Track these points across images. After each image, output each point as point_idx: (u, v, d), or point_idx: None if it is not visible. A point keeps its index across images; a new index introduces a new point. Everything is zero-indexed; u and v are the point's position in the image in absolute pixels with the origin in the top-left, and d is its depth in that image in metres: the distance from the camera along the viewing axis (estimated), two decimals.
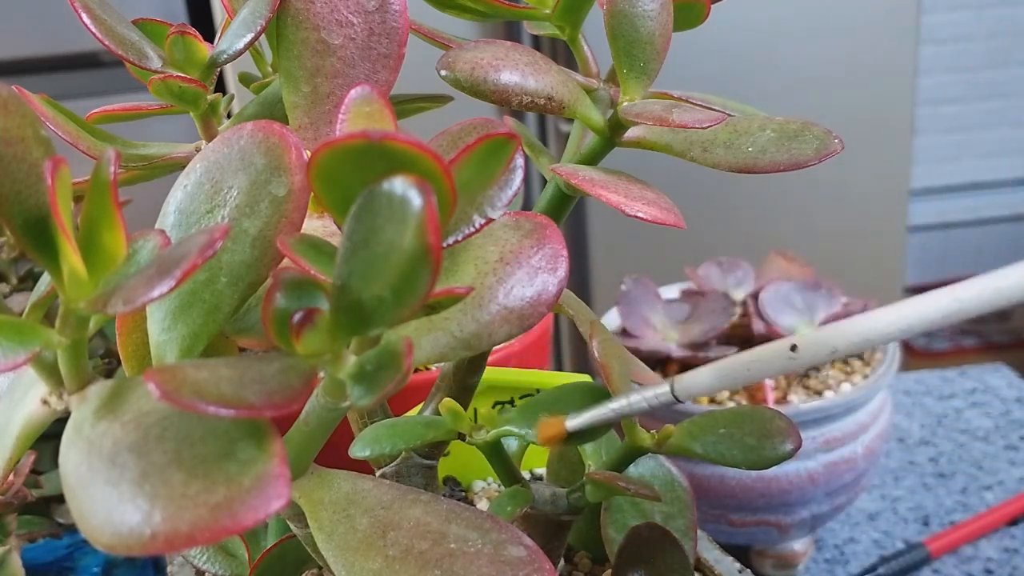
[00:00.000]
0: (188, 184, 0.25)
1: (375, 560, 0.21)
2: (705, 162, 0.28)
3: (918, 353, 2.05)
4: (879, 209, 1.33)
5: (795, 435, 0.27)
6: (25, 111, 0.20)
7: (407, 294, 0.17)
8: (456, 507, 0.23)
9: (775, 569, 0.55)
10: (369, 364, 0.19)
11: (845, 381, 0.53)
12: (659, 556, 0.29)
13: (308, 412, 0.22)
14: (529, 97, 0.27)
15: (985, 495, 0.63)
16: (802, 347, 0.21)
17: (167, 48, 0.30)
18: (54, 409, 0.21)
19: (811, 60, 1.25)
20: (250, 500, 0.17)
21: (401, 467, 0.30)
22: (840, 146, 0.27)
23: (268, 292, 0.19)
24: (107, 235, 0.19)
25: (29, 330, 0.19)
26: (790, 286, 0.57)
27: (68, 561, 0.46)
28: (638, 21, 0.28)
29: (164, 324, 0.25)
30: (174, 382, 0.17)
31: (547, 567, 0.21)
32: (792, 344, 0.21)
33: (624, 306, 0.57)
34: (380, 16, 0.29)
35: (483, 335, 0.23)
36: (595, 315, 0.32)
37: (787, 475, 0.50)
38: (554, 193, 0.30)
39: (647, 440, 0.29)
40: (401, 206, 0.16)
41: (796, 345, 0.21)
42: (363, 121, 0.22)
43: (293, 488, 0.23)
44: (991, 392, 0.76)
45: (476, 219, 0.22)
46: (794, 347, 0.21)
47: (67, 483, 0.18)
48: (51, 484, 0.47)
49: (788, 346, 0.21)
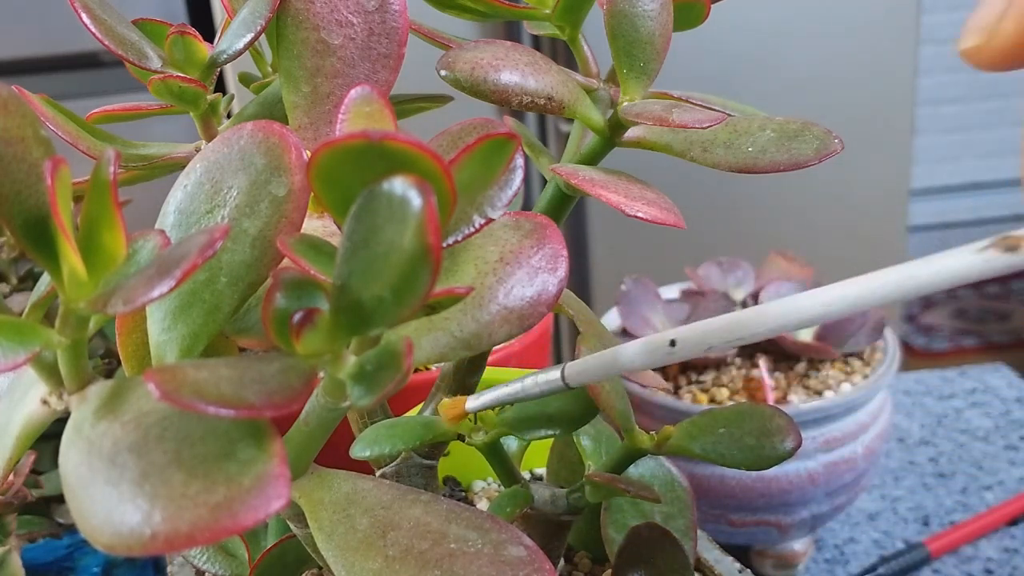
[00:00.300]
0: (188, 184, 0.25)
1: (375, 560, 0.21)
2: (705, 162, 0.28)
3: (918, 353, 2.05)
4: (879, 209, 1.34)
5: (795, 433, 0.27)
6: (25, 111, 0.20)
7: (407, 294, 0.17)
8: (456, 507, 0.23)
9: (775, 569, 0.55)
10: (369, 364, 0.19)
11: (845, 381, 0.53)
12: (659, 556, 0.29)
13: (308, 412, 0.22)
14: (529, 97, 0.27)
15: (985, 495, 0.63)
16: (681, 341, 0.22)
17: (167, 48, 0.30)
18: (54, 409, 0.21)
19: (811, 60, 1.25)
20: (250, 500, 0.17)
21: (401, 467, 0.30)
22: (840, 146, 0.27)
23: (268, 292, 0.19)
24: (107, 235, 0.19)
25: (29, 330, 0.19)
26: (790, 286, 0.57)
27: (68, 561, 0.46)
28: (638, 21, 0.28)
29: (164, 324, 0.25)
30: (174, 382, 0.17)
31: (547, 567, 0.21)
32: (671, 339, 0.22)
33: (624, 306, 0.57)
34: (380, 16, 0.29)
35: (483, 335, 0.23)
36: (595, 315, 0.32)
37: (787, 475, 0.50)
38: (554, 193, 0.30)
39: (647, 441, 0.29)
40: (401, 206, 0.16)
41: (675, 340, 0.22)
42: (363, 121, 0.22)
43: (293, 488, 0.23)
44: (991, 392, 0.76)
45: (476, 219, 0.22)
46: (673, 342, 0.22)
47: (67, 483, 0.18)
48: (51, 484, 0.47)
49: (668, 340, 0.22)
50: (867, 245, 1.33)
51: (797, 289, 0.57)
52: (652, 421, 0.52)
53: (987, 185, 2.14)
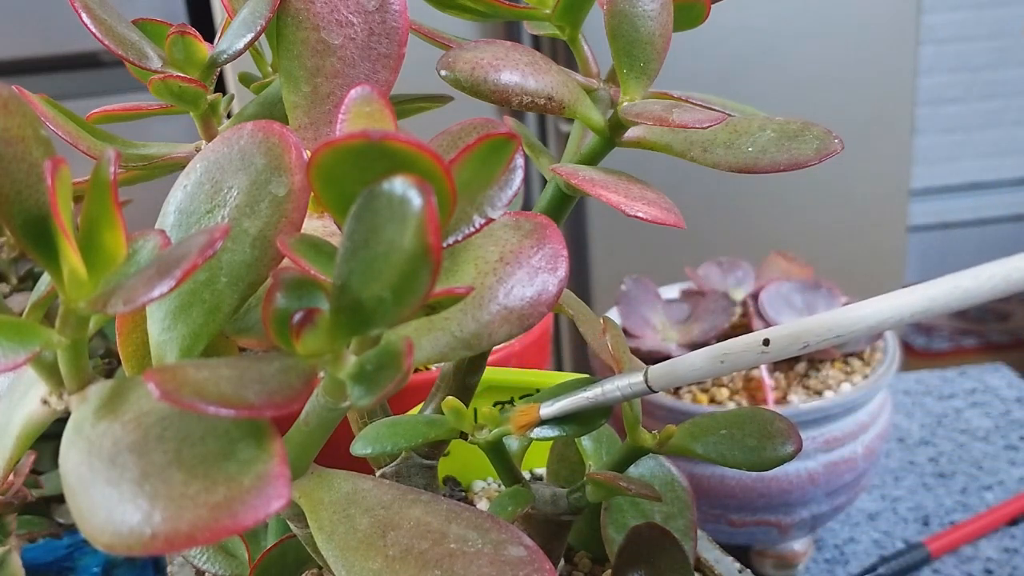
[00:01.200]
0: (188, 184, 0.25)
1: (375, 560, 0.21)
2: (705, 162, 0.28)
3: (918, 353, 2.05)
4: (879, 209, 1.33)
5: (796, 437, 0.27)
6: (25, 111, 0.20)
7: (407, 294, 0.17)
8: (456, 507, 0.23)
9: (775, 569, 0.55)
10: (369, 364, 0.19)
11: (845, 381, 0.53)
12: (659, 556, 0.29)
13: (308, 412, 0.22)
14: (529, 97, 0.27)
15: (985, 495, 0.63)
16: (774, 340, 0.22)
17: (167, 48, 0.30)
18: (54, 409, 0.21)
19: (811, 60, 1.25)
20: (250, 500, 0.17)
21: (401, 467, 0.30)
22: (840, 146, 0.27)
23: (268, 292, 0.19)
24: (107, 235, 0.19)
25: (29, 330, 0.19)
26: (790, 286, 0.57)
27: (68, 561, 0.46)
28: (638, 21, 0.28)
29: (164, 324, 0.25)
30: (174, 382, 0.17)
31: (547, 567, 0.21)
32: (764, 338, 0.22)
33: (624, 306, 0.57)
34: (380, 16, 0.29)
35: (483, 335, 0.23)
36: (595, 315, 0.32)
37: (787, 475, 0.50)
38: (554, 193, 0.30)
39: (648, 440, 0.29)
40: (401, 206, 0.16)
41: (768, 339, 0.22)
42: (363, 121, 0.22)
43: (293, 488, 0.23)
44: (991, 392, 0.76)
45: (476, 219, 0.22)
46: (766, 341, 0.22)
47: (67, 483, 0.18)
48: (51, 484, 0.47)
49: (760, 340, 0.22)
50: (867, 245, 1.33)
51: (797, 289, 0.57)
52: (653, 421, 0.52)
53: (987, 185, 2.14)
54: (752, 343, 0.22)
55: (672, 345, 0.55)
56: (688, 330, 0.56)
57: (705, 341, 0.54)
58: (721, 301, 0.56)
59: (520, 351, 0.47)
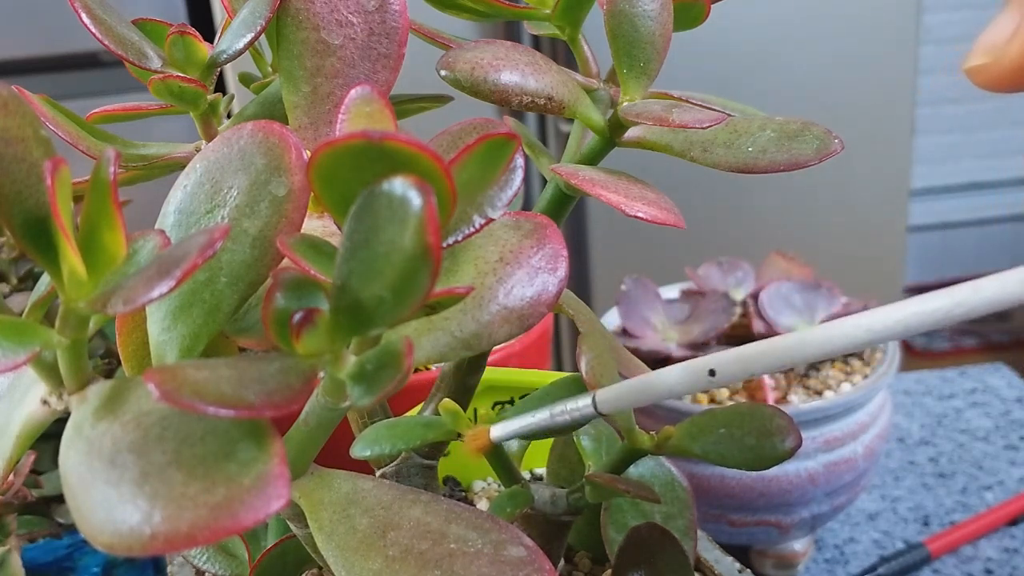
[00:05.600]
0: (188, 184, 0.25)
1: (375, 560, 0.21)
2: (705, 162, 0.28)
3: (918, 353, 2.05)
4: (879, 209, 1.34)
5: (795, 433, 0.27)
6: (25, 111, 0.20)
7: (407, 294, 0.17)
8: (456, 507, 0.23)
9: (775, 569, 0.55)
10: (369, 364, 0.19)
11: (845, 381, 0.53)
12: (659, 556, 0.29)
13: (308, 412, 0.22)
14: (529, 97, 0.27)
15: (985, 495, 0.63)
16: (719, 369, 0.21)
17: (167, 48, 0.30)
18: (54, 409, 0.21)
19: (811, 60, 1.25)
20: (250, 500, 0.17)
21: (401, 467, 0.30)
22: (840, 146, 0.27)
23: (268, 292, 0.19)
24: (107, 235, 0.19)
25: (29, 330, 0.19)
26: (790, 286, 0.57)
27: (68, 561, 0.46)
28: (638, 21, 0.28)
29: (164, 324, 0.25)
30: (174, 382, 0.17)
31: (547, 567, 0.21)
32: (711, 368, 0.21)
33: (624, 306, 0.57)
34: (380, 16, 0.29)
35: (483, 335, 0.23)
36: (595, 315, 0.32)
37: (787, 475, 0.50)
38: (554, 193, 0.30)
39: (647, 442, 0.29)
40: (401, 206, 0.16)
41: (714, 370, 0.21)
42: (363, 121, 0.22)
43: (293, 488, 0.23)
44: (991, 392, 0.76)
45: (476, 219, 0.22)
46: (712, 372, 0.21)
47: (67, 483, 0.18)
48: (51, 484, 0.47)
49: (707, 369, 0.21)
50: (867, 245, 1.33)
51: (797, 289, 0.57)
52: (652, 421, 0.52)
53: (987, 185, 2.14)
54: (699, 369, 0.22)
55: (672, 345, 0.55)
56: (688, 330, 0.56)
57: (705, 342, 0.54)
58: (721, 301, 0.56)
59: (520, 351, 0.47)
